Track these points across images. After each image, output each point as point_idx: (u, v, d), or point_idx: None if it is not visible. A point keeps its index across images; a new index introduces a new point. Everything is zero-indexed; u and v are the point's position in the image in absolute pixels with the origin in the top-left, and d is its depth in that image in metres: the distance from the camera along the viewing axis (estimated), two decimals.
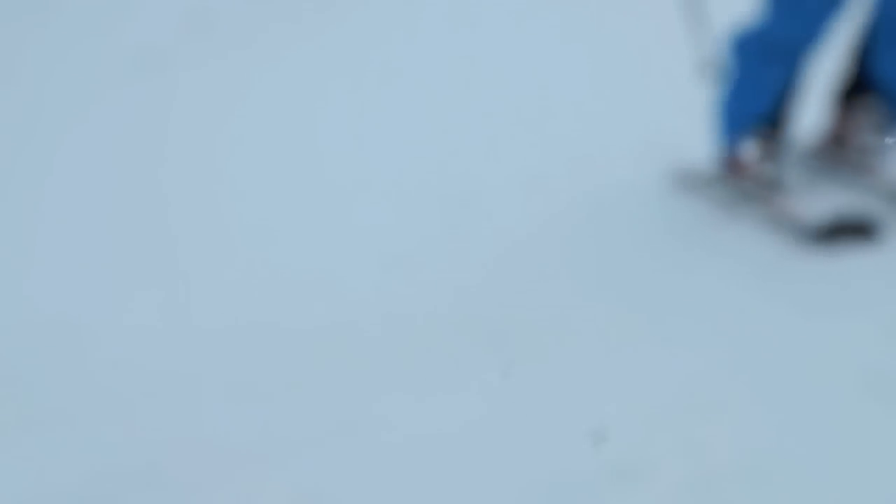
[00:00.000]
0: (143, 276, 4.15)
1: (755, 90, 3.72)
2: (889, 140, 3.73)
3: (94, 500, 2.70)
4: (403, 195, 4.54)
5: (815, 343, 2.81)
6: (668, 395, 2.68)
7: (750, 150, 3.72)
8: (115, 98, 7.29)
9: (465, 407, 2.82)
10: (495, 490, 2.48)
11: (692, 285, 3.26)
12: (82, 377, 3.35)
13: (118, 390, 3.24)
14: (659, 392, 2.71)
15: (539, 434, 2.63)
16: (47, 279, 4.32)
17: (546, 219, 4.01)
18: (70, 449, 2.93)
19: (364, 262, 3.91)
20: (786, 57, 3.65)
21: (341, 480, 2.61)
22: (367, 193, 4.68)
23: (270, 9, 9.12)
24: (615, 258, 3.55)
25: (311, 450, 2.74)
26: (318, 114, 6.30)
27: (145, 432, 2.96)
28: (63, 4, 7.87)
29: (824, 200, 3.53)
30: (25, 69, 7.77)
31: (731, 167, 3.80)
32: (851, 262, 3.21)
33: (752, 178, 3.70)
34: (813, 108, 4.05)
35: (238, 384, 3.17)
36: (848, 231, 3.34)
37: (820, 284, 3.13)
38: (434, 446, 2.66)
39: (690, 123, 4.19)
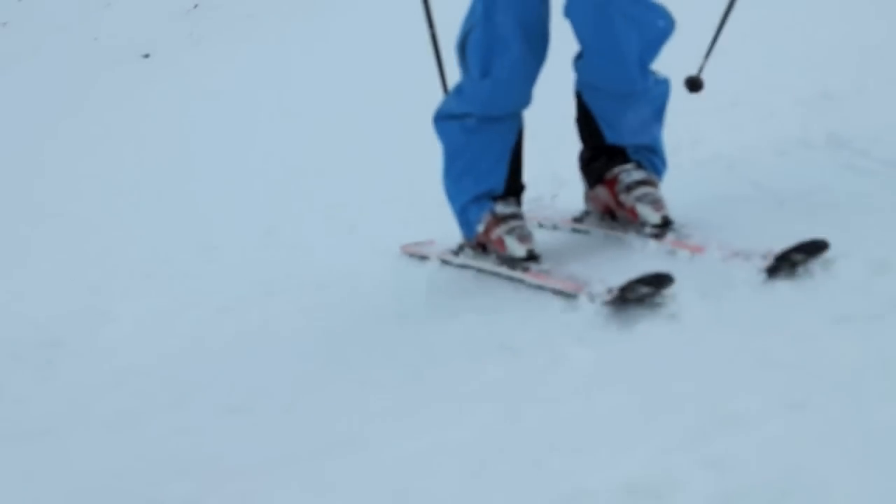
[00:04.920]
0: (135, 285, 4.14)
1: (478, 162, 3.54)
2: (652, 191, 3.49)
3: None
4: (413, 199, 4.52)
5: (844, 353, 2.69)
6: (688, 408, 2.57)
7: (494, 224, 3.52)
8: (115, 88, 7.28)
9: (474, 417, 2.75)
10: None
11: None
12: (69, 391, 3.33)
13: (108, 404, 3.20)
14: (678, 404, 2.60)
15: (552, 447, 2.54)
16: (34, 288, 4.31)
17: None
18: (56, 465, 2.88)
19: (373, 265, 3.89)
20: (497, 122, 3.49)
21: (345, 497, 2.54)
22: (376, 199, 4.66)
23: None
24: None
25: (311, 465, 2.66)
26: (327, 117, 6.30)
27: (136, 448, 2.90)
28: None
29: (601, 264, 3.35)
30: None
31: (481, 245, 3.62)
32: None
33: (506, 252, 3.51)
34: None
35: (235, 397, 3.11)
36: (640, 288, 3.11)
37: None
38: (441, 459, 2.58)
39: None
